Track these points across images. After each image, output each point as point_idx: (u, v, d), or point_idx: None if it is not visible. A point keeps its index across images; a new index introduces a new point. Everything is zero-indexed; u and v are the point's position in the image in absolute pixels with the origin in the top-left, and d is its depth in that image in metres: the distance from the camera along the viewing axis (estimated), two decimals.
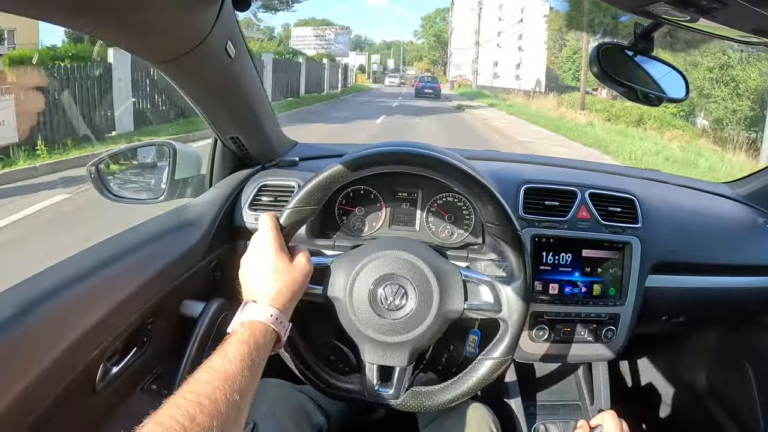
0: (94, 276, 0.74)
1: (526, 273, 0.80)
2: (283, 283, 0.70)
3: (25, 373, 0.58)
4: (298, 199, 0.77)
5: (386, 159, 0.80)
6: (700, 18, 0.61)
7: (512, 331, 0.80)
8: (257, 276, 0.71)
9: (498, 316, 0.81)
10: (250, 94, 1.03)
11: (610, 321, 1.09)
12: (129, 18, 0.65)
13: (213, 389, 0.53)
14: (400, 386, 0.82)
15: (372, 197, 1.13)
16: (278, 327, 0.67)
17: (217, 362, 0.57)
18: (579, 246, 1.09)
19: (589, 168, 1.47)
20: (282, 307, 0.68)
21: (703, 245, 1.20)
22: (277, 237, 0.73)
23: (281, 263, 0.72)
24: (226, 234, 1.10)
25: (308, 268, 0.75)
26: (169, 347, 0.93)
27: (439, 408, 0.83)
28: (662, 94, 0.81)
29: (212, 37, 0.78)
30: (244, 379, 0.57)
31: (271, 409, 0.91)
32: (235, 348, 0.59)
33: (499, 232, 0.79)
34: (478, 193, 0.78)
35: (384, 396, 0.82)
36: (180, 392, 0.52)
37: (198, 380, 0.54)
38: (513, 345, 0.81)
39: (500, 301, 0.81)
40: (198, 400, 0.50)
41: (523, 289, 0.80)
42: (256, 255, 0.72)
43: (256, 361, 0.61)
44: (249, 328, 0.64)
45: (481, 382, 0.81)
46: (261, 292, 0.69)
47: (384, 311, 0.79)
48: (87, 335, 0.68)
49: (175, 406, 0.49)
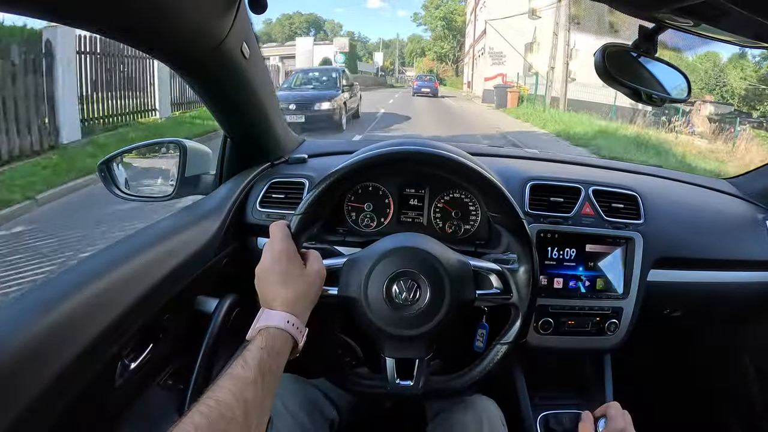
0: (111, 274, 0.75)
1: (533, 258, 0.83)
2: (299, 289, 0.72)
3: (48, 371, 0.60)
4: (307, 204, 0.79)
5: (391, 158, 0.82)
6: (702, 23, 0.63)
7: (523, 314, 0.83)
8: (272, 284, 0.72)
9: (509, 302, 0.84)
10: (261, 94, 1.04)
11: (612, 314, 1.12)
12: (147, 21, 0.66)
13: (234, 396, 0.54)
14: (420, 377, 0.84)
15: (380, 194, 1.15)
16: (295, 333, 0.68)
17: (237, 369, 0.59)
18: (583, 241, 1.11)
19: (593, 164, 1.49)
20: (298, 312, 0.70)
21: (704, 240, 1.22)
22: (288, 245, 0.75)
23: (295, 270, 0.73)
24: (237, 231, 1.12)
25: (322, 272, 0.76)
26: (184, 343, 0.95)
27: (458, 391, 0.86)
28: (665, 94, 0.83)
29: (229, 40, 0.80)
30: (263, 385, 0.59)
31: (284, 403, 0.93)
32: (253, 355, 0.61)
33: (502, 220, 0.81)
34: (480, 183, 0.81)
35: (406, 388, 0.85)
36: (202, 399, 0.54)
37: (219, 387, 0.56)
38: (525, 328, 0.84)
39: (510, 288, 0.84)
40: (219, 408, 0.52)
41: (531, 273, 0.83)
42: (269, 263, 0.73)
43: (273, 367, 0.62)
44: (266, 334, 0.65)
45: (495, 366, 0.84)
46: (276, 300, 0.70)
47: (399, 306, 0.81)
48: (106, 332, 0.69)
49: (198, 413, 0.51)
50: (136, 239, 0.89)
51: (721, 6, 0.52)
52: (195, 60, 0.81)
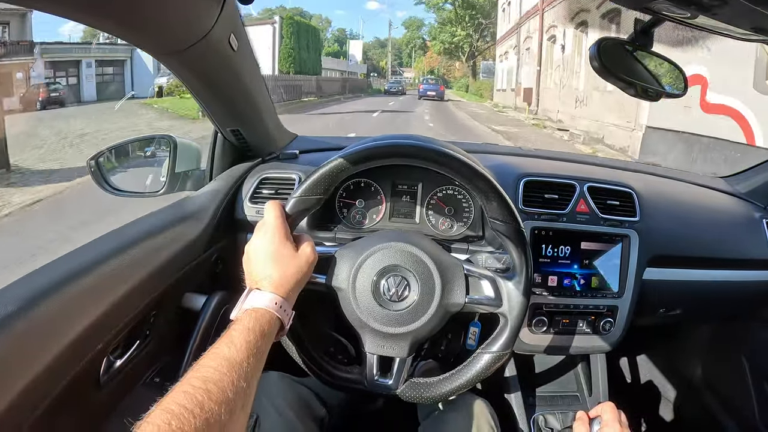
0: (96, 270, 0.74)
1: (528, 269, 0.81)
2: (288, 271, 0.70)
3: (30, 367, 0.58)
4: (305, 188, 0.77)
5: (396, 152, 0.80)
6: (700, 15, 0.62)
7: (512, 325, 0.81)
8: (262, 263, 0.71)
9: (498, 310, 0.82)
10: (251, 87, 1.03)
11: (608, 313, 1.11)
12: (134, 11, 0.65)
13: (220, 376, 0.53)
14: (399, 377, 0.83)
15: (372, 190, 1.13)
16: (282, 315, 0.67)
17: (223, 349, 0.57)
18: (578, 239, 1.10)
19: (587, 161, 1.48)
20: (286, 294, 0.68)
21: (700, 239, 1.21)
22: (282, 225, 0.73)
23: (286, 251, 0.72)
24: (227, 227, 1.10)
25: (313, 257, 0.75)
26: (172, 340, 0.94)
27: (437, 400, 0.84)
28: (661, 89, 0.82)
29: (216, 30, 0.78)
30: (249, 366, 0.57)
31: (272, 402, 0.92)
32: (241, 335, 0.59)
33: (503, 228, 0.79)
34: (484, 189, 0.78)
35: (383, 386, 0.83)
36: (186, 379, 0.52)
37: (204, 367, 0.54)
38: (512, 340, 0.81)
39: (501, 296, 0.82)
40: (205, 386, 0.50)
41: (524, 285, 0.81)
42: (261, 242, 0.72)
43: (261, 347, 0.61)
44: (253, 315, 0.64)
45: (479, 375, 0.82)
46: (265, 280, 0.69)
47: (386, 302, 0.80)
48: (90, 329, 0.68)
49: (183, 393, 0.49)
50: (122, 234, 0.87)
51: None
52: (179, 51, 0.79)
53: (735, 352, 1.40)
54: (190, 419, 0.46)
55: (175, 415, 0.46)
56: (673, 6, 0.61)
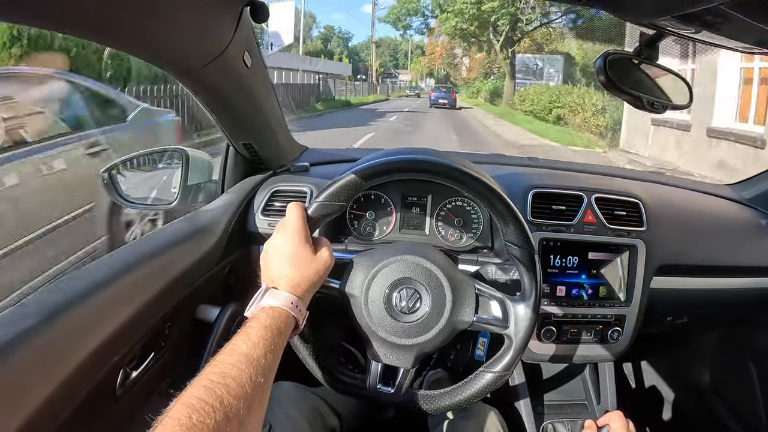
0: (113, 283, 0.75)
1: (537, 294, 0.81)
2: (305, 273, 0.71)
3: (50, 379, 0.60)
4: (329, 194, 0.78)
5: (421, 167, 0.81)
6: (704, 30, 0.63)
7: (516, 347, 0.81)
8: (280, 262, 0.71)
9: (504, 332, 0.82)
10: (263, 102, 1.05)
11: (615, 322, 1.11)
12: (152, 32, 0.67)
13: (238, 371, 0.53)
14: (401, 387, 0.83)
15: (382, 202, 1.15)
16: (297, 314, 0.68)
17: (240, 345, 0.57)
18: (585, 249, 1.11)
19: (594, 171, 1.49)
20: (301, 294, 0.69)
21: (707, 247, 1.21)
22: (303, 227, 0.74)
23: (305, 253, 0.72)
24: (239, 239, 1.12)
25: (330, 261, 0.76)
26: (186, 351, 0.95)
27: (437, 412, 0.84)
28: (668, 101, 0.83)
29: (231, 49, 0.80)
30: (266, 362, 0.57)
31: (285, 411, 0.93)
32: (258, 332, 0.60)
33: (518, 252, 0.80)
34: (503, 212, 0.79)
35: (384, 394, 0.84)
36: (205, 374, 0.52)
37: (222, 362, 0.54)
38: (514, 361, 0.82)
39: (508, 318, 0.82)
40: (224, 381, 0.51)
41: (532, 308, 0.81)
42: (281, 242, 0.73)
43: (277, 344, 0.61)
44: (270, 313, 0.64)
45: (479, 394, 0.83)
46: (282, 279, 0.69)
47: (397, 313, 0.81)
48: (108, 341, 0.69)
49: (202, 387, 0.49)
50: (138, 247, 0.89)
51: (723, 13, 0.52)
52: (196, 69, 0.81)
53: (742, 357, 1.39)
54: (210, 413, 0.46)
55: (195, 410, 0.46)
56: (677, 22, 0.62)
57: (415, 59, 56.45)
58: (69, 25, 0.59)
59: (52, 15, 0.55)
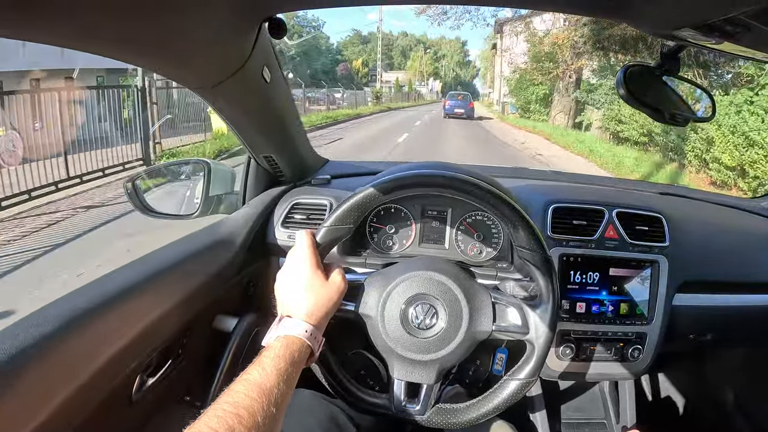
0: (133, 293, 0.77)
1: (555, 297, 0.80)
2: (319, 300, 0.72)
3: (67, 384, 0.61)
4: (335, 218, 0.79)
5: (424, 182, 0.81)
6: (725, 41, 0.62)
7: (538, 353, 0.81)
8: (293, 292, 0.73)
9: (525, 338, 0.82)
10: (284, 116, 1.06)
11: (636, 340, 1.08)
12: (172, 48, 0.68)
13: (251, 401, 0.54)
14: (426, 403, 0.83)
15: (402, 215, 1.14)
16: (312, 342, 0.68)
17: (254, 375, 0.59)
18: (606, 265, 1.09)
19: (615, 185, 1.47)
20: (316, 322, 0.70)
21: (730, 263, 1.18)
22: (313, 254, 0.75)
23: (317, 280, 0.74)
24: (259, 251, 1.13)
25: (343, 286, 0.77)
26: (203, 360, 0.96)
27: (464, 425, 0.83)
28: (690, 114, 0.82)
29: (250, 64, 0.82)
30: (279, 392, 0.58)
31: (302, 420, 0.92)
32: (272, 362, 0.61)
33: (529, 256, 0.79)
34: (510, 216, 0.79)
35: (411, 412, 0.83)
36: (218, 403, 0.53)
37: (235, 392, 0.55)
38: (539, 367, 0.81)
39: (528, 324, 0.81)
40: (236, 411, 0.52)
41: (551, 312, 0.80)
42: (292, 271, 0.74)
43: (291, 375, 0.62)
44: (285, 342, 0.65)
45: (506, 402, 0.81)
46: (297, 308, 0.71)
47: (414, 330, 0.80)
48: (126, 349, 0.71)
49: (215, 417, 0.50)
50: (158, 257, 0.90)
51: (744, 22, 0.51)
52: (216, 85, 0.83)
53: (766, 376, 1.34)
54: None
55: None
56: (697, 33, 0.61)
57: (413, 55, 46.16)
58: (88, 43, 0.61)
59: (71, 32, 0.56)
